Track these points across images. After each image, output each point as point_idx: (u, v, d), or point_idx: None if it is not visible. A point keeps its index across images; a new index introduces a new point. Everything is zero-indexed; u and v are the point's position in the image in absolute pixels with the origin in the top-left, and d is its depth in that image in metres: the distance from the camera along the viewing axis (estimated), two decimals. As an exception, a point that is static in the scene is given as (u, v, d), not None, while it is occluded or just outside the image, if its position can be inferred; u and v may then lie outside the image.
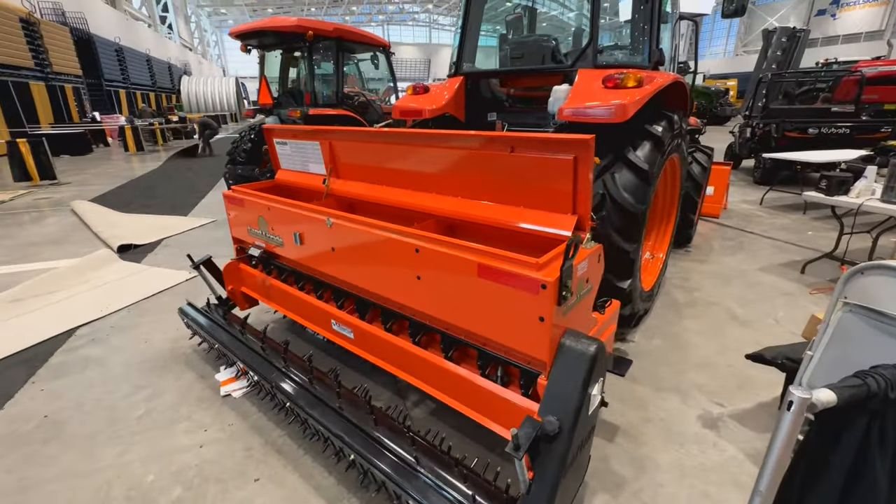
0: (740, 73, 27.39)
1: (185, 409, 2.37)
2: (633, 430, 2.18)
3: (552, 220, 1.71)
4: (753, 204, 6.72)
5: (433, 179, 2.11)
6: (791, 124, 7.86)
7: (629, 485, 1.87)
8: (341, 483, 1.89)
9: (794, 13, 32.04)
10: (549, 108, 2.82)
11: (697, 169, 4.24)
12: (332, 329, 2.32)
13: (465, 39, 3.44)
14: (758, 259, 4.47)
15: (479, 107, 3.55)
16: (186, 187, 8.79)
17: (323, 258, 2.22)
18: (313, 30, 4.88)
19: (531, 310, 1.42)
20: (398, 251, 1.79)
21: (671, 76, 2.66)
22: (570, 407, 1.38)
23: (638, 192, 2.41)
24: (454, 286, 1.64)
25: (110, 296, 3.73)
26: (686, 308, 3.44)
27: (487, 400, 1.69)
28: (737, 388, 2.48)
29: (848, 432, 1.01)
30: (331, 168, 2.55)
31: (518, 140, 1.69)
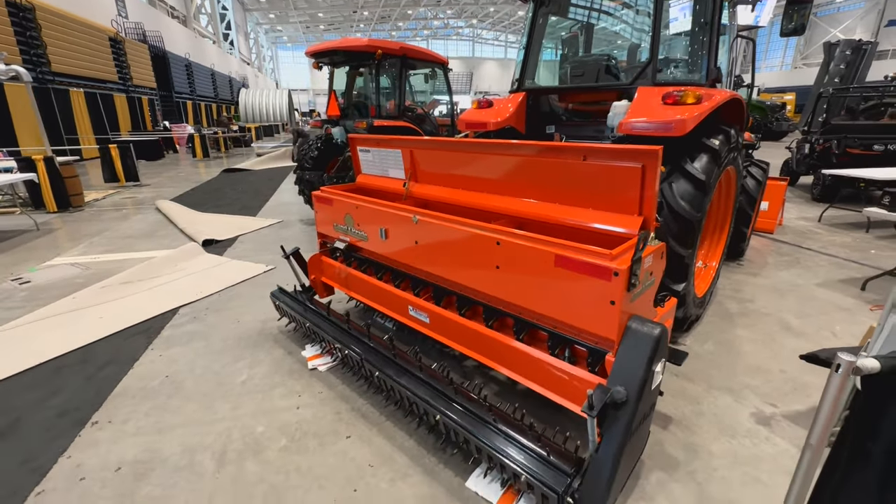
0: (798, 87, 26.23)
1: (278, 377, 2.74)
2: (687, 422, 2.33)
3: (619, 220, 1.94)
4: (811, 221, 6.55)
5: (507, 184, 2.38)
6: (854, 140, 7.59)
7: (683, 466, 2.04)
8: (421, 445, 2.16)
9: (862, 24, 30.36)
10: (608, 122, 3.03)
11: (752, 183, 4.30)
12: (409, 314, 2.62)
13: (528, 57, 3.73)
14: (815, 275, 4.43)
15: (538, 120, 3.81)
16: (250, 191, 9.54)
17: (406, 251, 2.53)
18: (382, 49, 5.34)
19: (603, 294, 1.65)
20: (480, 244, 2.07)
21: (728, 93, 2.82)
22: (636, 380, 1.60)
23: (694, 200, 2.59)
24: (531, 274, 1.89)
25: (202, 282, 4.24)
26: (738, 317, 3.51)
27: (556, 377, 1.93)
28: (790, 391, 2.56)
29: (892, 401, 1.17)
30: (410, 173, 2.88)
31: (591, 150, 1.93)
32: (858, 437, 1.26)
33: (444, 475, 1.99)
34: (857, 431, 1.25)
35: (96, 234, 6.07)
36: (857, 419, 1.24)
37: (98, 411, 2.44)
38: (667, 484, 1.94)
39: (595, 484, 1.56)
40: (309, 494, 1.89)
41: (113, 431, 2.28)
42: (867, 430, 1.23)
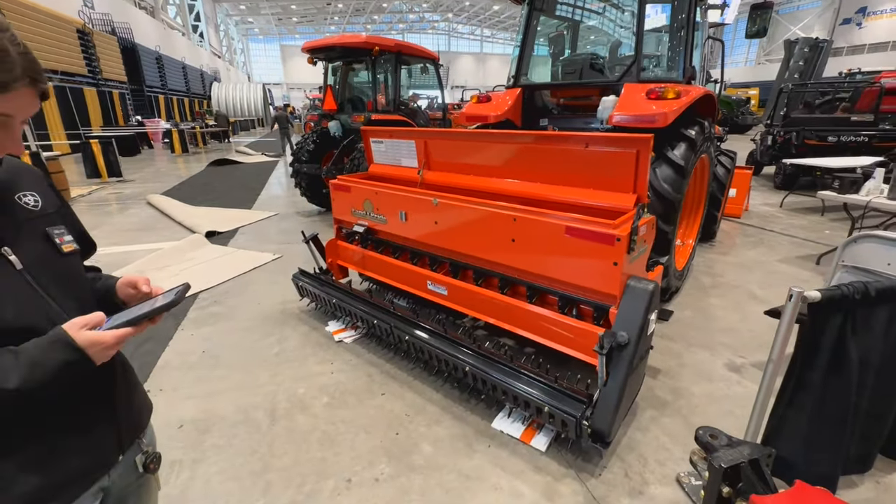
0: (762, 82, 27.52)
1: (309, 349, 3.00)
2: (672, 372, 2.72)
3: (617, 197, 2.29)
4: (773, 206, 7.16)
5: (515, 169, 2.71)
6: (811, 132, 8.27)
7: (671, 405, 2.42)
8: (448, 398, 2.48)
9: (819, 22, 32.01)
10: (599, 114, 3.39)
11: (721, 171, 4.76)
12: (428, 289, 2.92)
13: (523, 54, 4.05)
14: (777, 253, 4.95)
15: (532, 113, 4.15)
16: (239, 185, 9.58)
17: (426, 231, 2.83)
18: (379, 45, 5.56)
19: (608, 257, 2.00)
20: (497, 221, 2.38)
21: (702, 89, 3.22)
22: (636, 327, 1.95)
23: (675, 183, 2.97)
24: (544, 245, 2.23)
25: (215, 270, 4.42)
26: (712, 289, 3.96)
27: (566, 332, 2.27)
28: (756, 346, 3.00)
29: (830, 323, 1.55)
30: (424, 161, 3.17)
31: (592, 138, 2.27)
32: (805, 350, 1.64)
33: (471, 419, 2.32)
34: (804, 347, 1.63)
35: (93, 228, 6.09)
36: (803, 339, 1.62)
37: (147, 381, 2.65)
38: (658, 418, 2.32)
39: (604, 411, 1.91)
40: (358, 438, 2.19)
41: (167, 397, 2.50)
42: (810, 345, 1.62)
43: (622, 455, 2.08)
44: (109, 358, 0.79)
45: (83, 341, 0.74)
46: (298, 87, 50.48)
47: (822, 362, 1.59)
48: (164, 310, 0.85)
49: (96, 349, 0.75)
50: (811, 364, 1.61)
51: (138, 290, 0.96)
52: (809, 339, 1.60)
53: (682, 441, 2.16)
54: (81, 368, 0.74)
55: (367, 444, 2.15)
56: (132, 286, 0.98)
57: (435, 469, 2.01)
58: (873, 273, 2.17)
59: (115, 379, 0.94)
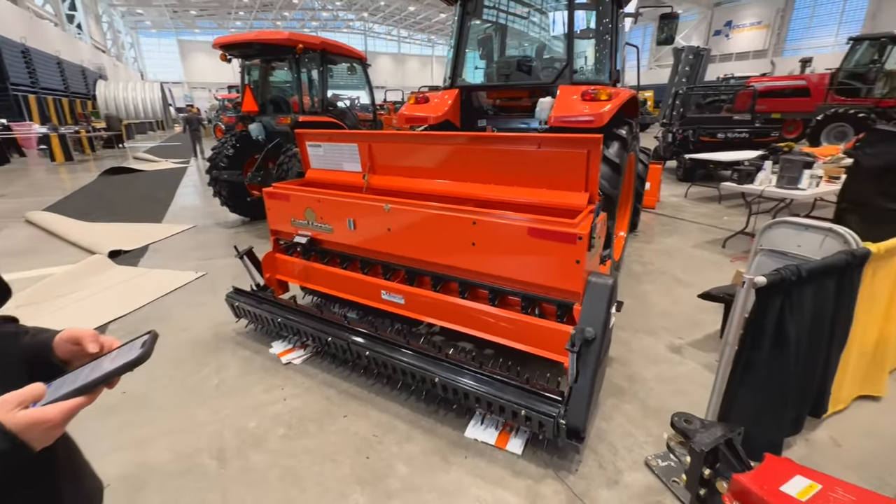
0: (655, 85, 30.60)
1: (253, 376, 2.72)
2: (623, 358, 2.87)
3: (570, 196, 2.35)
4: (680, 197, 7.95)
5: (467, 171, 2.67)
6: (704, 130, 9.33)
7: (627, 390, 2.55)
8: (415, 411, 2.38)
9: (696, 33, 36.31)
10: (537, 115, 3.48)
11: (641, 167, 5.16)
12: (382, 299, 2.79)
13: (458, 56, 4.05)
14: (689, 239, 5.48)
15: (469, 114, 4.16)
16: (143, 196, 8.55)
17: (378, 238, 2.69)
18: (303, 43, 5.23)
19: (570, 256, 2.03)
20: (456, 225, 2.33)
21: (629, 91, 3.44)
22: (600, 321, 2.01)
23: (612, 180, 3.14)
24: (506, 247, 2.21)
25: (125, 296, 3.85)
26: (643, 276, 4.27)
27: (531, 332, 2.28)
28: (690, 327, 3.27)
29: (773, 304, 1.72)
30: (368, 165, 3.02)
31: (544, 139, 2.31)
32: (752, 332, 1.79)
33: (443, 431, 2.24)
34: (750, 329, 1.78)
35: (-46, 256, 5.04)
36: (752, 319, 1.76)
37: (53, 438, 2.21)
38: (619, 405, 2.43)
39: (578, 407, 1.94)
40: (324, 469, 2.01)
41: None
42: (756, 327, 1.77)
43: (594, 447, 2.13)
44: (55, 440, 0.60)
45: (19, 424, 0.55)
46: (202, 87, 46.42)
47: (766, 342, 1.75)
48: (128, 369, 0.68)
49: (37, 431, 0.56)
50: (758, 345, 1.76)
51: (83, 348, 0.76)
52: (755, 322, 1.75)
53: (643, 425, 2.27)
54: (16, 459, 0.55)
55: (336, 473, 1.99)
56: (75, 342, 0.77)
57: (412, 490, 1.91)
58: (787, 255, 2.45)
59: (58, 464, 0.73)
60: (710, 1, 33.52)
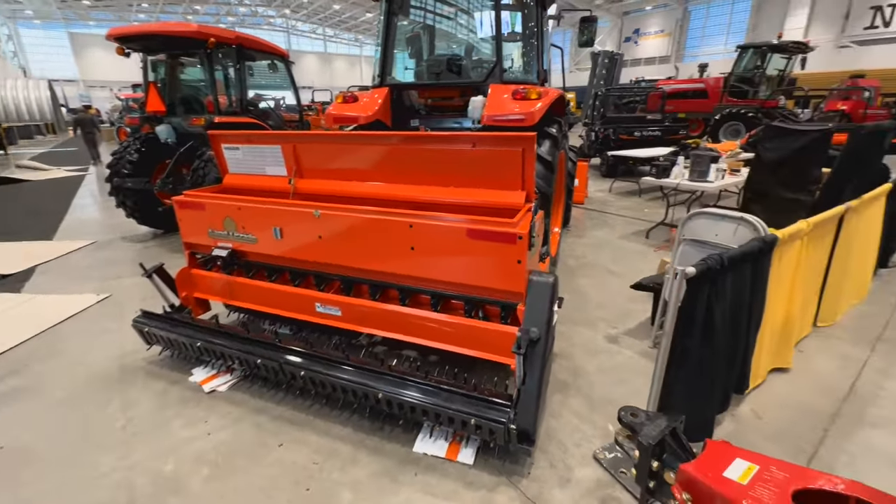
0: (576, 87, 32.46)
1: (170, 410, 2.40)
2: (565, 353, 2.92)
3: (507, 195, 2.32)
4: (605, 192, 8.41)
5: (401, 172, 2.56)
6: (622, 129, 9.98)
7: (572, 384, 2.58)
8: (359, 430, 2.22)
9: (609, 38, 39.03)
10: (470, 114, 3.45)
11: (570, 164, 5.36)
12: (317, 312, 2.59)
13: (386, 54, 3.91)
14: (616, 231, 5.80)
15: (401, 114, 4.04)
16: (28, 211, 7.43)
17: (308, 247, 2.48)
18: (215, 37, 4.77)
19: (511, 256, 2.00)
20: (393, 229, 2.20)
21: (557, 91, 3.52)
22: (543, 320, 1.99)
23: (546, 178, 3.19)
24: (446, 250, 2.13)
25: (4, 328, 3.26)
26: (578, 270, 4.42)
27: (476, 336, 2.22)
28: (624, 316, 3.42)
29: (702, 293, 1.80)
30: (294, 169, 2.80)
31: (479, 138, 2.26)
32: (683, 321, 1.86)
33: (390, 449, 2.11)
34: (682, 319, 1.85)
35: None
36: (683, 308, 1.83)
37: None
38: (565, 401, 2.45)
39: (527, 410, 1.91)
40: (259, 509, 1.80)
41: (-58, 532, 1.71)
42: (689, 312, 1.84)
43: (544, 447, 2.12)
44: None
45: None
46: (101, 85, 41.66)
47: (697, 329, 1.83)
48: None
49: None
50: (689, 332, 1.84)
51: None
52: (686, 310, 1.82)
53: (589, 418, 2.30)
54: None
55: (272, 512, 1.78)
56: None
57: (360, 518, 1.77)
58: (706, 243, 2.62)
59: None
60: (620, 10, 36.17)
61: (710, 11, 30.86)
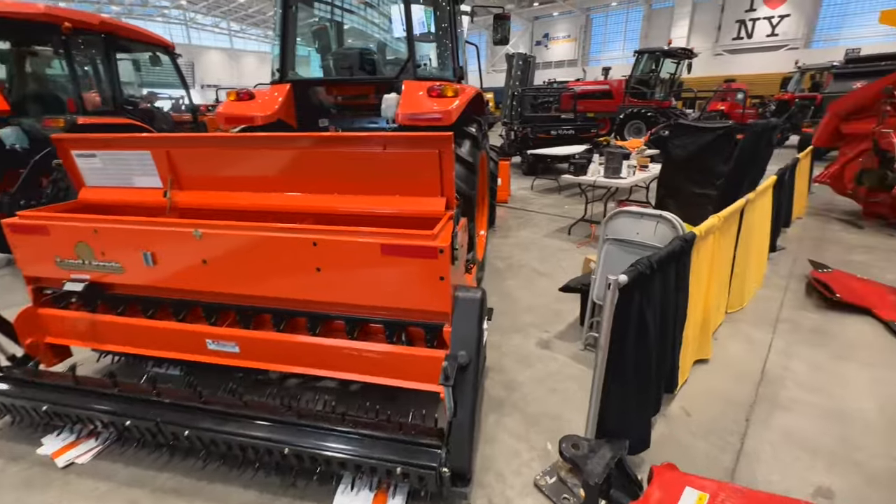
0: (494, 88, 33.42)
1: (7, 497, 1.83)
2: (497, 365, 2.76)
3: (426, 203, 2.08)
4: (527, 190, 8.57)
5: (303, 180, 2.21)
6: (539, 128, 10.27)
7: (506, 400, 2.42)
8: (266, 491, 1.85)
9: (522, 41, 40.74)
10: (383, 112, 3.17)
11: (491, 164, 5.28)
12: (209, 350, 2.16)
13: (286, 48, 3.48)
14: (540, 229, 5.85)
15: (308, 113, 3.65)
16: None
17: (190, 274, 2.05)
18: (70, 21, 3.96)
19: (433, 272, 1.76)
20: (293, 248, 1.87)
21: (474, 88, 3.37)
22: (472, 341, 1.79)
23: (468, 180, 3.01)
24: (358, 269, 1.84)
25: None
26: (505, 271, 4.34)
27: (399, 364, 1.96)
28: (553, 318, 3.36)
29: (633, 299, 1.71)
30: (171, 179, 2.32)
31: (390, 139, 1.99)
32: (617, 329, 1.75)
33: (305, 509, 1.78)
34: (616, 328, 1.74)
35: None
36: (617, 318, 1.72)
37: None
38: (500, 420, 2.28)
39: (460, 446, 1.69)
40: None
41: None
42: (623, 319, 1.73)
43: (481, 479, 1.91)
44: None
45: None
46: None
47: (630, 335, 1.74)
48: None
49: None
50: (623, 339, 1.74)
51: None
52: (619, 318, 1.71)
53: (527, 438, 2.15)
54: None
55: None
56: None
57: None
58: (628, 242, 2.61)
59: None
60: (531, 15, 37.90)
61: (608, 19, 33.43)
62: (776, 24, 25.48)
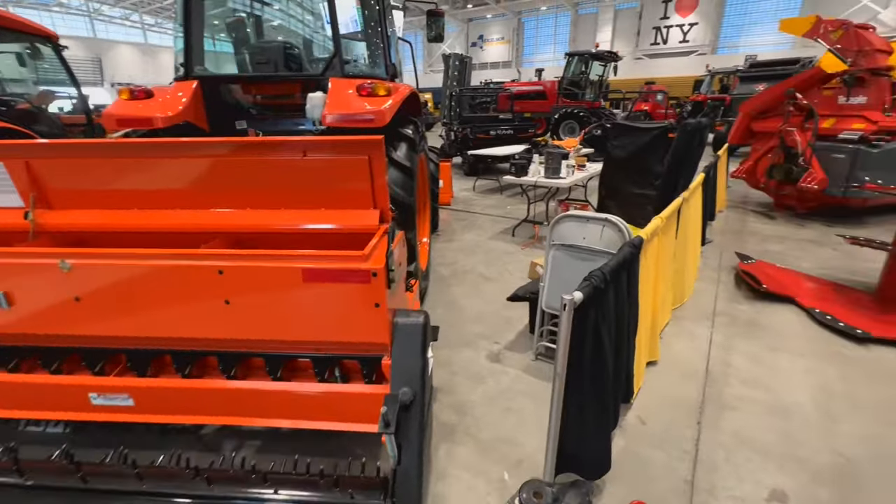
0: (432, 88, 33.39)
1: None
2: (447, 385, 2.56)
3: (357, 216, 1.82)
4: (469, 191, 8.48)
5: (208, 194, 1.86)
6: (479, 128, 10.25)
7: (458, 427, 2.23)
8: (171, 579, 1.51)
9: (458, 42, 41.08)
10: (308, 113, 2.86)
11: (432, 166, 5.09)
12: (94, 405, 1.76)
13: (190, 40, 3.04)
14: (485, 231, 5.75)
15: (223, 114, 3.23)
16: None
17: (60, 315, 1.64)
18: None
19: (366, 299, 1.52)
20: (192, 278, 1.54)
21: (409, 87, 3.14)
22: (416, 374, 1.57)
23: (406, 186, 2.78)
24: (276, 299, 1.55)
25: None
26: (451, 279, 4.16)
27: (334, 403, 1.69)
28: (503, 326, 3.22)
29: (589, 315, 1.57)
30: (33, 196, 1.87)
31: (311, 144, 1.71)
32: (574, 349, 1.61)
33: None
34: (572, 347, 1.60)
35: None
36: (571, 339, 1.58)
37: None
38: (452, 451, 2.07)
39: (408, 495, 1.46)
40: None
41: None
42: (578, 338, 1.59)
43: (434, 527, 1.70)
44: None
45: None
46: None
47: (587, 353, 1.61)
48: None
49: None
50: (580, 358, 1.60)
51: None
52: (575, 339, 1.57)
53: (483, 470, 1.96)
54: None
55: None
56: None
57: None
58: (575, 247, 2.51)
59: None
60: (465, 16, 38.32)
61: (539, 23, 34.62)
62: (687, 32, 27.68)
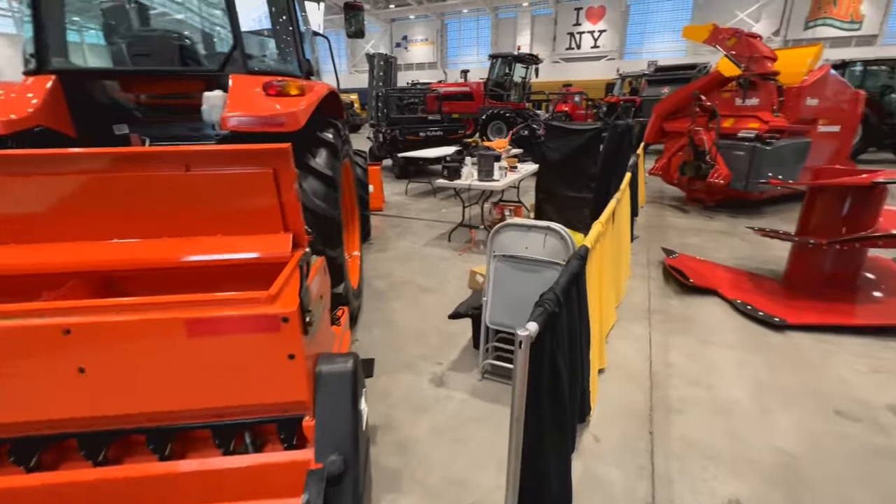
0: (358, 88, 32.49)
1: None
2: (387, 421, 2.28)
3: (262, 243, 1.49)
4: (402, 195, 8.19)
5: (68, 221, 1.43)
6: (408, 129, 9.99)
7: (403, 472, 1.96)
8: None
9: (382, 42, 40.45)
10: (205, 116, 2.42)
11: (360, 171, 4.75)
12: None
13: (44, 25, 2.45)
14: (420, 237, 5.51)
15: (93, 117, 2.65)
16: None
17: None
18: None
19: (276, 350, 1.20)
20: (30, 342, 1.12)
21: (326, 85, 2.81)
22: (347, 434, 1.29)
23: (329, 197, 2.46)
24: (151, 361, 1.18)
25: None
26: (388, 292, 3.87)
27: (244, 480, 1.35)
28: (445, 344, 3.00)
29: (545, 345, 1.39)
30: None
31: (195, 155, 1.35)
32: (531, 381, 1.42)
33: None
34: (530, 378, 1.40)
35: None
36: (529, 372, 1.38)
37: None
38: (397, 502, 1.81)
39: (343, 592, 1.18)
40: None
41: None
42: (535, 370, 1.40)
43: None
44: None
45: None
46: None
47: (544, 390, 1.43)
48: None
49: None
50: (538, 395, 1.41)
51: None
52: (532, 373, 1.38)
53: (433, 519, 1.73)
54: None
55: None
56: None
57: None
58: (517, 258, 2.35)
59: None
60: (388, 17, 37.82)
61: (462, 25, 35.15)
62: (597, 38, 29.60)
